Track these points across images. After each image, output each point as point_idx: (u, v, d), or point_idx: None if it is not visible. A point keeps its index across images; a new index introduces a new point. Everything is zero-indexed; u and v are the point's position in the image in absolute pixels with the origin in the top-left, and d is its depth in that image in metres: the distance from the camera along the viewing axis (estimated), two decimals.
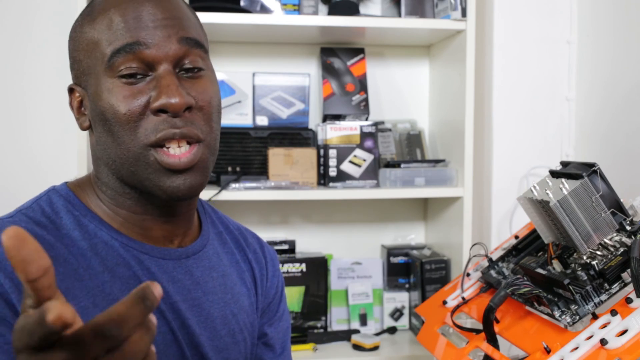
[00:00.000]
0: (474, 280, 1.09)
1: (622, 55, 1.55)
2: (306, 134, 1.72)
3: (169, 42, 0.74)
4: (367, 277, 1.80)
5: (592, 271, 0.83)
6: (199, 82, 0.77)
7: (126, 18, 0.74)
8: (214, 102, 0.78)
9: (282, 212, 1.85)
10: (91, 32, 0.76)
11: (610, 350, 0.72)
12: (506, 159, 1.75)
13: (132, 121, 0.73)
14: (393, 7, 1.75)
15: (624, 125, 1.53)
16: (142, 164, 0.74)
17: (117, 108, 0.73)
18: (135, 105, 0.73)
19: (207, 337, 0.82)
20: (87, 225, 0.77)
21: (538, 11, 1.75)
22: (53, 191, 0.80)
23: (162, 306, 0.77)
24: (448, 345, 0.99)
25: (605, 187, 0.87)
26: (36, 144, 1.73)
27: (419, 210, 1.92)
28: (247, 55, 1.81)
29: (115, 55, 0.73)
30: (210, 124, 0.78)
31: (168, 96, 0.72)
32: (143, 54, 0.73)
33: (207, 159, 0.77)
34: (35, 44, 1.72)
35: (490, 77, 1.74)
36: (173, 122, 0.73)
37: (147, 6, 0.75)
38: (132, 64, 0.73)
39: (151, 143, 0.73)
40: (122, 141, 0.74)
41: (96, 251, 0.75)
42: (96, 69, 0.75)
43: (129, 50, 0.73)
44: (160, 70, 0.74)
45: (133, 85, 0.74)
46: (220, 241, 0.91)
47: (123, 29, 0.73)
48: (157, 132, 0.73)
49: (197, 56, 0.77)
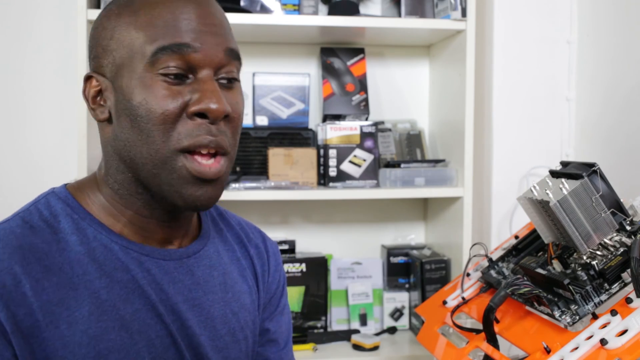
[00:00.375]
0: (474, 280, 1.09)
1: (622, 55, 1.55)
2: (306, 134, 1.72)
3: (216, 50, 0.74)
4: (367, 277, 1.80)
5: (592, 271, 0.83)
6: (233, 92, 0.77)
7: (176, 16, 0.72)
8: (242, 115, 0.79)
9: (282, 212, 1.85)
10: (129, 21, 0.74)
11: (610, 350, 0.72)
12: (506, 159, 1.75)
13: (167, 122, 0.72)
14: (393, 7, 1.75)
15: (624, 125, 1.53)
16: (168, 168, 0.73)
17: (153, 106, 0.71)
18: (173, 106, 0.72)
19: (207, 337, 0.81)
20: (86, 229, 0.76)
21: (538, 11, 1.75)
22: (52, 194, 0.79)
23: (160, 309, 0.77)
24: (448, 345, 0.99)
25: (605, 187, 0.87)
26: (36, 144, 1.73)
27: (419, 210, 1.92)
28: (247, 55, 1.80)
29: (161, 52, 0.71)
30: (236, 137, 0.78)
31: (212, 101, 0.71)
32: (190, 57, 0.72)
33: (228, 172, 0.78)
34: (35, 44, 1.72)
35: (490, 77, 1.74)
36: (209, 129, 0.72)
37: (198, 9, 0.74)
38: (178, 64, 0.72)
39: (183, 148, 0.72)
40: (152, 141, 0.72)
41: (94, 256, 0.75)
42: (133, 62, 0.73)
43: (176, 50, 0.71)
44: (203, 75, 0.73)
45: (173, 86, 0.72)
46: (220, 238, 0.91)
47: (173, 27, 0.72)
48: (191, 137, 0.72)
49: (235, 68, 0.77)
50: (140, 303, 0.75)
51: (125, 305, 0.74)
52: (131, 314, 0.74)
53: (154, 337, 0.76)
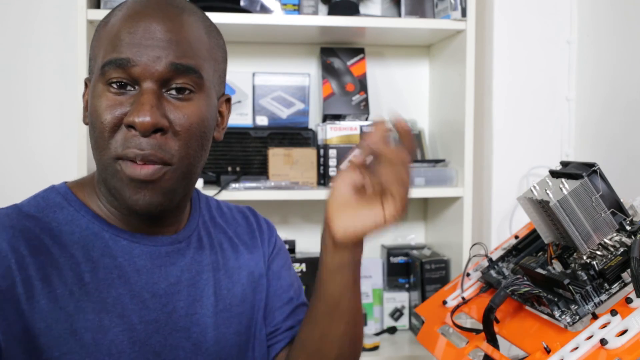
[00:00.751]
0: (474, 280, 1.09)
1: (622, 55, 1.55)
2: (306, 134, 1.72)
3: (156, 63, 0.74)
4: (367, 277, 1.80)
5: (592, 271, 0.83)
6: (185, 105, 0.77)
7: (128, 31, 0.75)
8: (194, 128, 0.77)
9: (282, 212, 1.85)
10: (102, 34, 0.79)
11: (610, 350, 0.72)
12: (506, 159, 1.75)
13: (106, 131, 0.75)
14: (393, 7, 1.75)
15: (624, 125, 1.53)
16: (111, 172, 0.76)
17: (99, 115, 0.75)
18: (112, 116, 0.75)
19: (202, 315, 0.84)
20: (80, 220, 0.80)
21: (538, 11, 1.75)
22: (51, 189, 0.83)
23: (145, 295, 0.79)
24: (448, 345, 0.99)
25: (605, 187, 0.87)
26: (36, 144, 1.73)
27: (419, 210, 1.92)
28: (247, 55, 1.81)
29: (107, 65, 0.75)
30: (187, 150, 0.77)
31: (138, 115, 0.73)
32: (130, 70, 0.74)
33: (172, 182, 0.77)
34: (35, 44, 1.72)
35: (490, 77, 1.74)
36: (139, 143, 0.74)
37: (151, 24, 0.76)
38: (120, 76, 0.75)
39: (117, 156, 0.75)
40: (96, 147, 0.77)
41: (83, 243, 0.78)
42: (93, 72, 0.79)
43: (118, 65, 0.74)
44: (143, 87, 0.75)
45: (117, 96, 0.75)
46: (213, 222, 0.94)
47: (120, 42, 0.75)
48: (123, 147, 0.74)
49: (188, 80, 0.77)
50: (124, 289, 0.78)
51: (109, 290, 0.77)
52: (114, 297, 0.77)
53: (137, 322, 0.78)
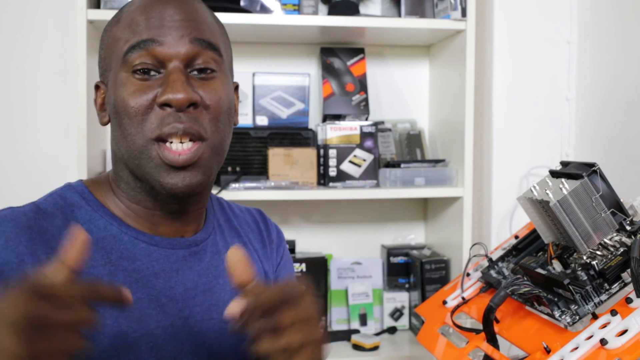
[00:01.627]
0: (474, 280, 1.09)
1: (622, 55, 1.55)
2: (306, 134, 1.72)
3: (181, 41, 0.76)
4: (367, 277, 1.80)
5: (592, 271, 0.83)
6: (210, 83, 0.79)
7: (146, 17, 0.77)
8: (223, 103, 0.79)
9: (282, 212, 1.85)
10: (114, 30, 0.80)
11: (610, 350, 0.72)
12: (506, 159, 1.75)
13: (139, 114, 0.75)
14: (393, 7, 1.75)
15: (624, 125, 1.53)
16: (145, 158, 0.76)
17: (127, 101, 0.75)
18: (144, 99, 0.75)
19: (218, 321, 0.83)
20: (98, 220, 0.79)
21: (538, 11, 1.75)
22: (68, 186, 0.83)
23: (162, 300, 0.79)
24: (448, 345, 0.99)
25: (605, 187, 0.87)
26: (36, 144, 1.73)
27: (419, 210, 1.92)
28: (247, 55, 1.81)
29: (130, 51, 0.76)
30: (217, 125, 0.79)
31: (172, 91, 0.74)
32: (155, 51, 0.76)
33: (209, 158, 0.78)
34: (35, 44, 1.72)
35: (490, 77, 1.74)
36: (177, 117, 0.75)
37: (167, 8, 0.78)
38: (145, 60, 0.76)
39: (155, 137, 0.75)
40: (128, 133, 0.76)
41: (102, 245, 0.78)
42: (114, 64, 0.79)
43: (142, 47, 0.76)
44: (170, 67, 0.76)
45: (144, 81, 0.76)
46: (228, 225, 0.94)
47: (141, 27, 0.77)
48: (161, 126, 0.75)
49: (210, 58, 0.79)
50: (142, 293, 0.78)
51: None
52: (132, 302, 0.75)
53: (154, 327, 0.77)
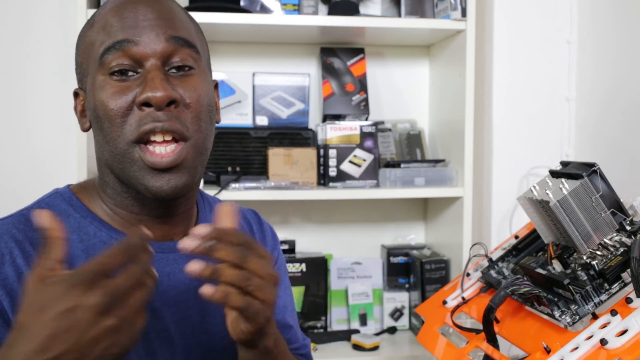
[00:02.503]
0: (474, 280, 1.09)
1: (622, 55, 1.55)
2: (306, 134, 1.72)
3: (157, 40, 0.75)
4: (367, 277, 1.80)
5: (592, 271, 0.83)
6: (188, 80, 0.77)
7: (119, 18, 0.76)
8: (203, 100, 0.78)
9: (282, 212, 1.85)
10: (89, 34, 0.79)
11: (610, 350, 0.72)
12: (506, 159, 1.75)
13: (119, 116, 0.74)
14: (393, 7, 1.75)
15: (624, 125, 1.53)
16: (128, 161, 0.75)
17: (106, 104, 0.74)
18: (123, 101, 0.74)
19: (210, 324, 0.83)
20: (87, 227, 0.79)
21: (538, 11, 1.75)
22: (56, 194, 0.82)
23: (155, 304, 0.78)
24: (448, 345, 0.99)
25: (605, 187, 0.87)
26: (37, 144, 1.73)
27: (419, 210, 1.92)
28: (247, 55, 1.81)
29: (106, 53, 0.75)
30: (199, 123, 0.77)
31: (151, 90, 0.73)
32: (131, 51, 0.74)
33: (192, 158, 0.77)
34: (35, 44, 1.72)
35: (490, 77, 1.74)
36: (156, 116, 0.74)
37: (140, 7, 0.77)
38: (122, 61, 0.75)
39: (135, 138, 0.74)
40: (110, 137, 0.75)
41: (93, 252, 0.77)
42: (91, 68, 0.78)
43: (118, 48, 0.74)
44: (147, 66, 0.75)
45: (122, 82, 0.75)
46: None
47: (115, 28, 0.76)
48: (140, 125, 0.74)
49: (187, 55, 0.78)
50: None
51: None
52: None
53: (150, 332, 0.77)
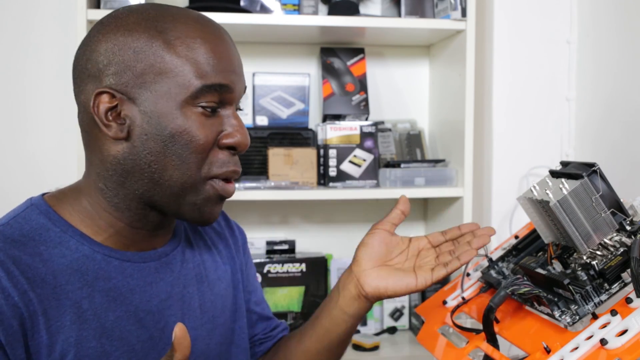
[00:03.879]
0: (474, 280, 1.09)
1: (622, 55, 1.55)
2: (306, 134, 1.72)
3: (241, 89, 0.81)
4: None
5: (592, 271, 0.83)
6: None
7: (216, 55, 0.77)
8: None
9: (282, 212, 1.85)
10: (167, 58, 0.75)
11: (610, 350, 0.72)
12: (506, 159, 1.75)
13: (205, 151, 0.77)
14: (393, 7, 1.75)
15: (624, 125, 1.53)
16: (195, 191, 0.78)
17: (194, 135, 0.76)
18: (210, 136, 0.77)
19: (190, 328, 0.84)
20: (69, 241, 0.77)
21: (538, 11, 1.75)
22: (31, 207, 0.79)
23: (140, 314, 0.79)
24: (448, 345, 0.99)
25: (605, 187, 0.87)
26: (36, 144, 1.73)
27: (419, 210, 1.92)
28: (247, 55, 1.80)
29: (205, 90, 0.76)
30: None
31: (244, 138, 0.79)
32: (225, 96, 0.78)
33: None
34: (35, 44, 1.72)
35: (490, 77, 1.74)
36: (236, 161, 0.81)
37: (231, 49, 0.80)
38: (216, 99, 0.77)
39: (214, 175, 0.78)
40: (186, 167, 0.76)
41: (77, 267, 0.76)
42: (172, 89, 0.75)
43: (218, 90, 0.77)
44: (232, 110, 0.80)
45: (210, 118, 0.78)
46: (192, 230, 0.94)
47: (215, 66, 0.76)
48: (222, 167, 0.79)
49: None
50: (121, 310, 0.78)
51: (107, 314, 0.76)
52: (112, 321, 0.77)
53: (135, 343, 0.78)
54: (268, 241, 1.77)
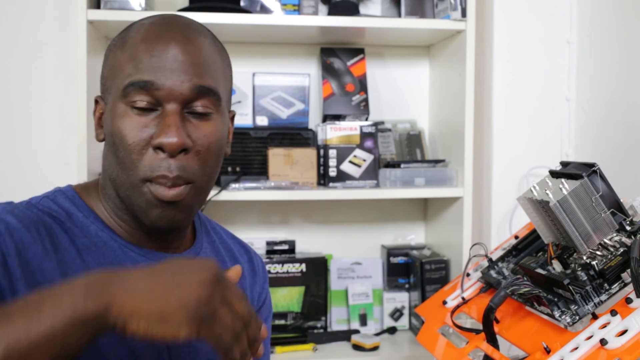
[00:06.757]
0: (474, 280, 1.09)
1: (622, 55, 1.55)
2: (306, 134, 1.72)
3: (181, 86, 0.77)
4: (367, 277, 1.80)
5: (592, 271, 0.83)
6: (205, 125, 0.79)
7: (150, 55, 0.77)
8: (213, 147, 0.80)
9: (282, 212, 1.85)
10: (118, 56, 0.80)
11: (610, 350, 0.72)
12: (506, 159, 1.75)
13: (135, 152, 0.76)
14: (393, 7, 1.75)
15: (624, 125, 1.53)
16: (137, 193, 0.78)
17: (124, 136, 0.76)
18: (140, 137, 0.76)
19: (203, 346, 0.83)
20: (89, 226, 0.80)
21: (538, 11, 1.75)
22: (59, 192, 0.83)
23: None
24: (448, 345, 0.99)
25: (605, 187, 0.87)
26: (36, 144, 1.73)
27: (419, 210, 1.92)
28: (247, 55, 1.81)
29: (130, 87, 0.76)
30: (204, 168, 0.80)
31: (167, 136, 0.75)
32: (154, 93, 0.76)
33: (192, 198, 0.80)
34: (35, 44, 1.72)
35: (490, 77, 1.74)
36: (167, 166, 0.76)
37: (172, 47, 0.77)
38: (144, 99, 0.76)
39: (147, 178, 0.77)
40: (124, 167, 0.77)
41: (94, 249, 0.78)
42: (114, 90, 0.79)
43: (142, 86, 0.76)
44: (167, 109, 0.77)
45: (141, 117, 0.77)
46: (212, 249, 0.94)
47: (144, 64, 0.76)
48: (152, 170, 0.76)
49: (209, 102, 0.79)
50: None
51: None
52: None
53: (147, 349, 0.78)
54: (268, 241, 1.77)
